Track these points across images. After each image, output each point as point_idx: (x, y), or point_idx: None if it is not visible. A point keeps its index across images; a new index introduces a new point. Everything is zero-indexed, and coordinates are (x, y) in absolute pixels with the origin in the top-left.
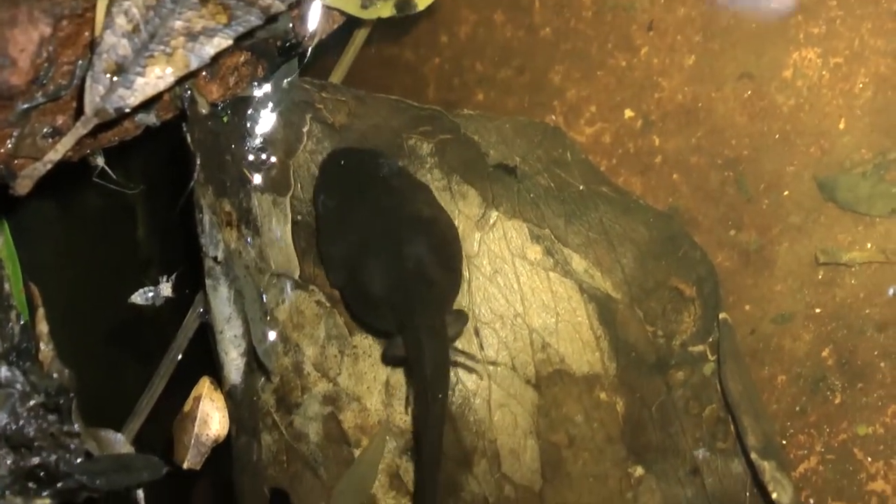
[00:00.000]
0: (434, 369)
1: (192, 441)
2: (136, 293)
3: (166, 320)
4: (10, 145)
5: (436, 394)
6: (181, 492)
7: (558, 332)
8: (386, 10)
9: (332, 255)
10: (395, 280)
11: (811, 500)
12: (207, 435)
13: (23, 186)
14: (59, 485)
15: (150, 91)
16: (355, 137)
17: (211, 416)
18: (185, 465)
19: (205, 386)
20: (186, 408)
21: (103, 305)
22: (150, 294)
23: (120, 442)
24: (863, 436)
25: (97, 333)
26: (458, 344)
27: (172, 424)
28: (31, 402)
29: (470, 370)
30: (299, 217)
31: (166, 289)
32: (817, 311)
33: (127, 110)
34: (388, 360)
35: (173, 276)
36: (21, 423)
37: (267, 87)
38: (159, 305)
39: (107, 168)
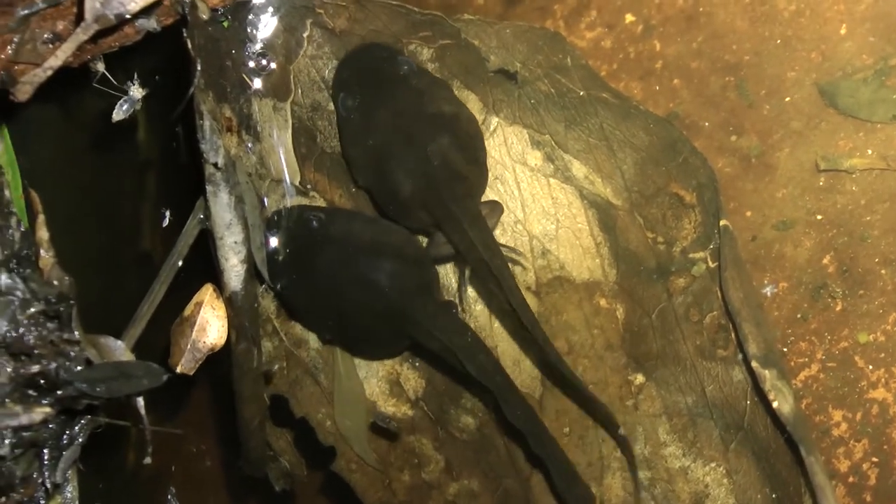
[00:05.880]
0: (487, 249)
1: (189, 346)
2: (114, 112)
3: (168, 226)
4: (10, 51)
5: (501, 269)
6: (180, 398)
7: (558, 239)
8: None
9: (355, 156)
10: (423, 179)
11: (812, 408)
12: (204, 342)
13: (23, 92)
14: (58, 392)
15: None
16: (355, 42)
17: (210, 324)
18: (179, 370)
19: (207, 293)
20: (187, 312)
21: (104, 211)
22: (125, 106)
23: (120, 349)
24: (864, 343)
25: (98, 239)
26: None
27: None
28: (32, 310)
29: (514, 262)
30: (299, 122)
31: (136, 91)
32: (818, 217)
33: (127, 16)
34: (435, 259)
35: (135, 76)
36: (21, 330)
37: None
38: (134, 112)
39: (107, 73)
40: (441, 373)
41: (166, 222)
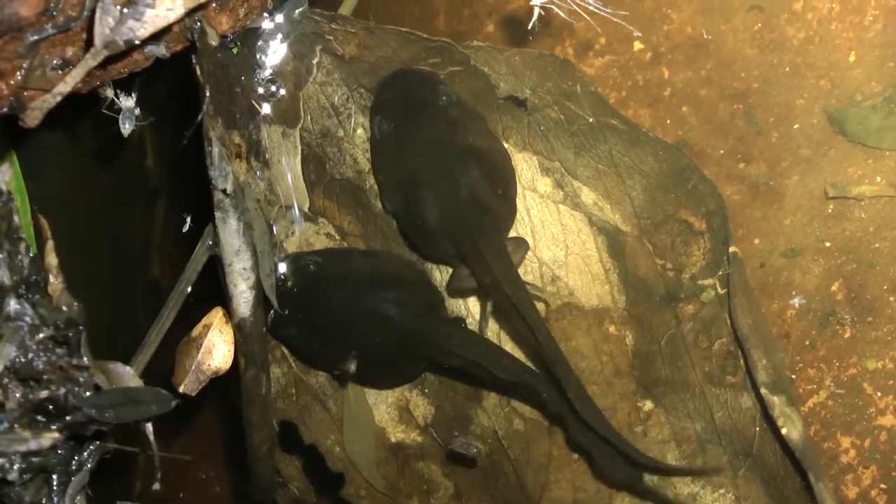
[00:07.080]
0: (510, 284)
1: (193, 367)
2: (121, 128)
3: (176, 252)
4: (19, 77)
5: (524, 304)
6: (189, 424)
7: (568, 265)
8: None
9: (385, 181)
10: (450, 210)
11: (820, 435)
12: (209, 365)
13: (32, 118)
14: (67, 418)
15: (160, 23)
16: (365, 69)
17: (216, 347)
18: (181, 389)
19: (217, 316)
20: (195, 333)
21: (113, 237)
22: (127, 121)
23: (129, 375)
24: (872, 370)
25: (106, 265)
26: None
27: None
28: (40, 335)
29: (536, 298)
30: (308, 149)
31: (126, 100)
32: (827, 244)
33: (137, 42)
34: (454, 292)
35: (115, 89)
36: (30, 356)
37: (277, 19)
38: (135, 126)
39: (116, 99)
40: (451, 398)
41: (186, 227)
